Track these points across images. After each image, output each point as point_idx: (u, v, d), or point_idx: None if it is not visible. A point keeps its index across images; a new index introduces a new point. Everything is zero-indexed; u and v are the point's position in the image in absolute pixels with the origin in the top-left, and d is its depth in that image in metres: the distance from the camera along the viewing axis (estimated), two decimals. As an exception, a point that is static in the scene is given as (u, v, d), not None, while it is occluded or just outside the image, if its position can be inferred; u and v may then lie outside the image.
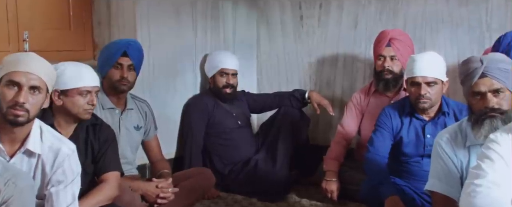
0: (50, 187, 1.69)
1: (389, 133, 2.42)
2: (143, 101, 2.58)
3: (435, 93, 2.28)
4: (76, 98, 1.95)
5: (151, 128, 2.57)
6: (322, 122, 3.34)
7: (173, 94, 3.02)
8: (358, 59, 3.25)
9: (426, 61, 2.26)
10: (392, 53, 2.65)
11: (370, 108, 2.80)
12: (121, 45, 2.34)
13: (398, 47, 2.65)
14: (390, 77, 2.65)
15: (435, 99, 2.29)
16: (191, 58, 3.11)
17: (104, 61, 2.34)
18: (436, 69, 2.27)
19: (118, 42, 2.39)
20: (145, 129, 2.54)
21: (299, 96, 2.99)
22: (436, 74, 2.26)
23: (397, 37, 2.67)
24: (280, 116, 2.98)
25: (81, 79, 1.96)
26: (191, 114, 2.95)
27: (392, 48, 2.65)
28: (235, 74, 2.94)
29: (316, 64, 3.37)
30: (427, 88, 2.26)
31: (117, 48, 2.34)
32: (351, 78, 3.28)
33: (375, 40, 2.76)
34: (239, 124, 2.99)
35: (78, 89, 1.95)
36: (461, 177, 1.77)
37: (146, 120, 2.54)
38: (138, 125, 2.50)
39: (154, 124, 2.59)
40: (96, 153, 2.03)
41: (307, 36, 3.38)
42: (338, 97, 3.33)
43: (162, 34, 2.90)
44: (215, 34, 3.23)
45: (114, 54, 2.33)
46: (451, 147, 1.78)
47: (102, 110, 2.37)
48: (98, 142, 2.03)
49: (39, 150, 1.68)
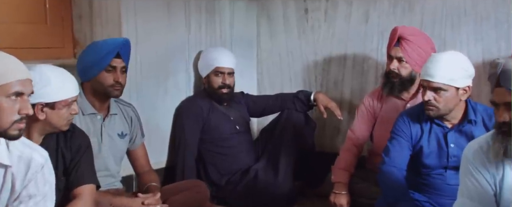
0: (17, 204, 1.53)
1: (408, 142, 2.28)
2: (128, 105, 2.46)
3: (444, 101, 2.13)
4: (63, 111, 1.86)
5: (137, 135, 2.45)
6: (329, 127, 3.27)
7: (164, 96, 2.91)
8: (370, 57, 3.15)
9: (436, 63, 2.12)
10: (400, 54, 2.51)
11: (384, 112, 2.67)
12: (115, 45, 2.24)
13: (406, 48, 2.50)
14: (396, 81, 2.52)
15: (445, 108, 2.15)
16: (183, 56, 3.00)
17: (93, 63, 2.22)
18: (447, 73, 2.11)
19: (110, 42, 2.28)
20: (130, 136, 2.42)
21: (303, 98, 2.90)
22: (446, 80, 2.10)
23: (407, 37, 2.51)
24: (282, 120, 2.90)
25: (67, 89, 1.88)
26: (184, 118, 2.84)
27: (400, 48, 2.51)
28: (231, 73, 2.85)
29: (322, 62, 3.31)
30: (431, 94, 2.13)
31: (110, 48, 2.23)
32: (361, 78, 3.19)
33: (389, 37, 2.64)
34: (237, 129, 2.91)
35: (65, 101, 1.87)
36: (495, 195, 1.68)
37: (132, 126, 2.43)
38: (122, 132, 2.38)
39: (140, 131, 2.47)
40: (68, 163, 1.92)
41: (312, 32, 3.30)
42: (347, 99, 3.26)
43: (151, 30, 2.79)
44: (210, 30, 3.14)
45: (106, 55, 2.22)
46: (481, 161, 1.68)
47: (82, 117, 2.25)
48: (70, 151, 1.92)
49: (7, 161, 1.52)
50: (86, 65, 2.26)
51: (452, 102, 2.15)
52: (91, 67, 2.25)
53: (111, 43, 2.28)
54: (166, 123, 2.93)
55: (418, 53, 2.52)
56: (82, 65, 2.28)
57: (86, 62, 2.26)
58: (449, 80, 2.11)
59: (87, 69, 2.26)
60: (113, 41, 2.31)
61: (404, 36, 2.52)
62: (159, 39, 2.85)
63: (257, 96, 3.17)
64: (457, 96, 2.15)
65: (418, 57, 2.49)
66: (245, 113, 3.03)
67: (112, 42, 2.28)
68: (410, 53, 2.52)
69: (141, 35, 2.75)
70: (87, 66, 2.26)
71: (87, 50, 2.29)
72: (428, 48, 2.54)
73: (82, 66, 2.27)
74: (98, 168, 2.10)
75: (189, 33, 3.02)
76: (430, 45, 2.58)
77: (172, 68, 2.95)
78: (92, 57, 2.25)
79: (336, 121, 3.05)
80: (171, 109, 2.94)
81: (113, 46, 2.25)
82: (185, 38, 3.01)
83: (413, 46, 2.52)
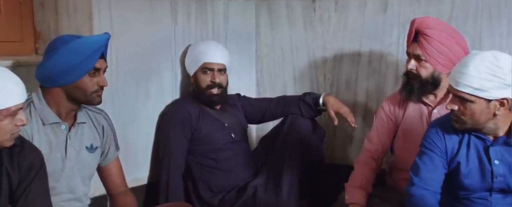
0: None
1: (442, 158, 2.11)
2: (99, 111, 2.29)
3: (470, 113, 1.97)
4: (4, 122, 1.72)
5: (110, 148, 2.29)
6: (340, 135, 3.20)
7: (145, 100, 2.77)
8: (388, 53, 3.03)
9: (462, 67, 1.96)
10: (417, 51, 2.38)
11: (407, 119, 2.54)
12: (101, 43, 2.10)
13: (424, 44, 2.36)
14: (416, 83, 2.42)
15: (472, 122, 1.99)
16: (169, 53, 2.87)
17: (74, 66, 2.06)
18: (474, 81, 1.91)
19: (95, 39, 2.13)
20: (102, 149, 2.27)
21: (311, 101, 2.79)
22: (471, 89, 1.93)
23: (425, 31, 2.36)
24: (286, 127, 2.80)
25: (10, 95, 1.73)
26: (169, 126, 2.73)
27: (418, 45, 2.39)
28: (222, 70, 2.75)
29: (332, 59, 3.23)
30: (456, 103, 1.97)
31: (95, 47, 2.07)
32: (378, 78, 3.09)
33: None
34: (232, 138, 2.80)
35: (7, 109, 1.72)
36: None
37: (104, 137, 2.27)
38: (92, 145, 2.21)
39: (114, 143, 2.31)
40: (15, 187, 1.79)
41: (320, 24, 3.22)
42: (361, 103, 3.17)
43: (129, 21, 2.65)
44: (201, 21, 3.03)
45: (92, 55, 2.06)
46: None
47: (42, 127, 2.08)
48: (18, 171, 1.79)
49: None
50: (64, 68, 2.08)
51: (482, 117, 1.97)
52: (71, 71, 2.08)
53: (96, 40, 2.13)
54: (147, 132, 2.82)
55: (439, 50, 2.38)
56: (58, 69, 2.09)
57: (64, 64, 2.08)
58: (476, 90, 1.93)
59: (64, 73, 2.08)
60: (98, 38, 2.15)
61: (422, 30, 2.38)
62: (139, 32, 2.73)
63: (256, 99, 3.07)
64: (489, 109, 1.96)
65: (440, 55, 2.37)
66: (241, 119, 2.92)
67: (98, 40, 2.13)
68: (430, 51, 2.38)
69: (117, 27, 2.60)
70: (65, 69, 2.08)
71: (64, 50, 2.10)
72: (452, 45, 2.39)
73: (58, 70, 2.09)
74: (60, 190, 2.04)
75: (176, 24, 2.91)
76: (455, 41, 2.42)
77: (155, 67, 2.83)
78: (73, 59, 2.07)
79: (348, 128, 3.00)
80: (154, 115, 2.83)
81: (99, 44, 2.10)
82: (171, 31, 2.89)
83: (432, 42, 2.37)
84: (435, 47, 2.37)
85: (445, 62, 2.33)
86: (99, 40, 2.13)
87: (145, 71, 2.78)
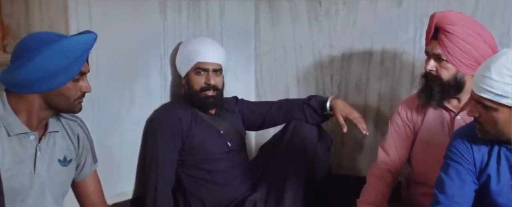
0: None
1: (470, 172, 1.99)
2: (74, 118, 2.17)
3: (492, 122, 1.87)
4: None
5: (86, 160, 2.17)
6: (349, 142, 3.11)
7: (130, 105, 2.65)
8: (404, 52, 2.93)
9: (484, 69, 1.87)
10: (438, 50, 2.28)
11: (426, 126, 2.42)
12: (88, 46, 2.00)
13: (445, 42, 2.26)
14: (436, 86, 2.32)
15: (495, 132, 1.88)
16: (157, 51, 2.76)
17: (59, 71, 1.95)
18: (497, 87, 1.83)
19: (82, 40, 2.01)
20: (77, 162, 2.14)
21: (317, 105, 2.71)
22: (493, 95, 1.84)
23: (446, 27, 2.26)
24: (289, 134, 2.72)
25: None
26: (157, 134, 2.64)
27: (438, 43, 2.29)
28: (218, 71, 2.68)
29: (340, 58, 3.14)
30: (478, 109, 1.88)
31: (83, 49, 1.97)
32: (392, 79, 2.98)
33: None
34: (229, 147, 2.71)
35: None
36: None
37: (79, 147, 2.14)
38: (65, 157, 2.08)
39: (91, 154, 2.19)
40: None
41: (327, 19, 3.13)
42: (372, 107, 3.06)
43: (111, 16, 2.53)
44: (194, 16, 2.93)
45: (78, 59, 1.96)
46: None
47: (6, 139, 1.96)
48: None
49: None
50: (48, 72, 1.97)
51: (506, 127, 1.86)
52: (57, 76, 1.97)
53: (85, 41, 2.01)
54: (133, 141, 2.71)
55: (463, 49, 2.27)
56: (41, 73, 1.97)
57: (49, 68, 1.97)
58: (497, 97, 1.84)
59: (48, 78, 1.97)
60: (87, 38, 2.03)
61: (442, 26, 2.27)
62: (123, 29, 2.61)
63: (255, 103, 2.99)
64: None
65: (463, 55, 2.26)
66: (239, 125, 2.83)
67: (87, 40, 2.01)
68: (452, 49, 2.27)
69: (97, 22, 2.47)
70: (50, 74, 1.97)
71: (50, 51, 1.98)
72: (477, 42, 2.28)
73: (40, 74, 1.97)
74: (28, 211, 1.87)
75: (165, 20, 2.80)
76: (482, 38, 2.31)
77: (142, 67, 2.71)
78: (60, 62, 1.96)
79: (358, 134, 2.86)
80: (140, 122, 2.72)
81: (88, 46, 1.99)
82: (160, 27, 2.79)
83: (455, 40, 2.27)
84: (458, 46, 2.25)
85: (469, 62, 2.21)
86: (88, 41, 2.02)
87: (130, 72, 2.67)
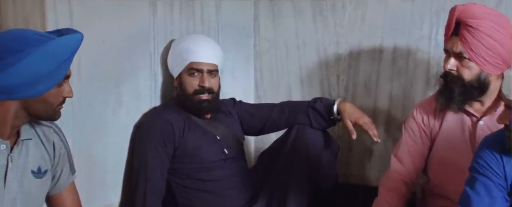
0: None
1: (501, 187, 1.90)
2: (49, 124, 2.08)
3: None
4: None
5: (63, 171, 2.08)
6: (357, 149, 3.01)
7: (116, 108, 2.54)
8: (418, 50, 2.81)
9: None
10: (459, 48, 2.19)
11: (445, 132, 2.31)
12: (76, 47, 1.94)
13: (468, 38, 2.16)
14: (456, 87, 2.23)
15: None
16: (146, 50, 2.65)
17: (48, 75, 1.90)
18: None
19: (70, 42, 1.94)
20: (53, 173, 2.05)
21: (322, 109, 2.61)
22: None
23: (469, 21, 2.16)
24: (291, 140, 2.63)
25: None
26: (146, 140, 2.54)
27: (459, 39, 2.20)
28: (213, 71, 2.60)
29: (348, 57, 3.02)
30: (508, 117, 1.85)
31: (71, 51, 1.91)
32: (405, 79, 2.86)
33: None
34: (225, 154, 2.61)
35: None
36: None
37: (55, 157, 2.05)
38: (40, 168, 1.99)
39: (69, 164, 2.10)
40: None
41: (333, 13, 3.01)
42: (382, 110, 2.95)
43: (94, 10, 2.41)
44: (187, 11, 2.82)
45: (65, 62, 1.91)
46: None
47: None
48: None
49: None
50: (35, 77, 1.89)
51: None
52: (44, 80, 1.90)
53: (72, 43, 1.93)
54: (119, 148, 2.60)
55: (487, 45, 2.17)
56: (26, 78, 1.89)
57: (36, 72, 1.89)
58: None
59: (33, 83, 1.90)
60: (74, 40, 1.95)
61: (465, 21, 2.18)
62: (108, 25, 2.49)
63: (255, 105, 2.89)
64: None
65: (488, 52, 2.17)
66: (237, 130, 2.74)
67: (74, 42, 1.93)
68: (475, 46, 2.17)
69: (79, 18, 2.34)
70: (36, 78, 1.89)
71: (40, 53, 1.89)
72: (505, 38, 2.20)
73: (25, 79, 1.89)
74: (-3, 230, 1.78)
75: (155, 15, 2.68)
76: (509, 33, 2.20)
77: (129, 68, 2.59)
78: (49, 65, 1.88)
79: (367, 140, 2.82)
80: (127, 127, 2.61)
81: (76, 47, 1.93)
82: (149, 22, 2.66)
83: (479, 36, 2.16)
84: (482, 42, 2.14)
85: (494, 60, 2.11)
86: (76, 42, 1.93)
87: (116, 72, 2.54)
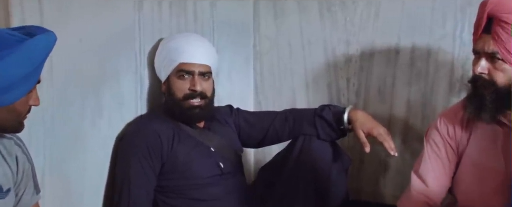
0: None
1: None
2: (9, 136, 2.01)
3: None
4: None
5: (26, 189, 2.00)
6: (370, 162, 2.87)
7: (95, 118, 2.36)
8: (439, 49, 2.66)
9: None
10: (491, 47, 2.06)
11: (475, 146, 2.16)
12: (50, 48, 1.85)
13: (503, 37, 2.04)
14: (488, 94, 2.12)
15: None
16: (131, 50, 2.50)
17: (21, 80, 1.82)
18: None
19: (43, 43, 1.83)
20: (15, 191, 1.98)
21: (331, 117, 2.48)
22: None
23: (504, 17, 2.03)
24: (296, 153, 2.51)
25: None
26: (130, 154, 2.39)
27: (491, 37, 2.07)
28: (206, 74, 2.48)
29: (359, 58, 2.88)
30: None
31: (46, 53, 1.84)
32: (425, 84, 2.72)
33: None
34: (221, 169, 2.47)
35: None
36: None
37: (18, 173, 1.98)
38: (1, 187, 1.91)
39: (33, 182, 2.02)
40: None
41: (343, 9, 2.87)
42: (399, 119, 2.79)
43: (68, 5, 2.22)
44: (177, 7, 2.68)
45: (39, 66, 1.85)
46: None
47: None
48: None
49: None
50: (8, 83, 1.80)
51: None
52: (16, 87, 1.81)
53: (47, 44, 1.83)
54: (99, 164, 2.43)
55: None
56: None
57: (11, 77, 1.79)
58: None
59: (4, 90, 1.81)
60: (47, 40, 1.83)
61: (498, 16, 2.04)
62: (85, 22, 2.30)
63: (255, 113, 2.75)
64: None
65: None
66: (234, 141, 2.59)
67: (48, 43, 1.83)
68: (511, 46, 2.05)
69: (50, 14, 2.13)
70: (9, 84, 1.80)
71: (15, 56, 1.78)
72: None
73: None
74: None
75: (140, 11, 2.51)
76: None
77: (111, 71, 2.42)
78: (24, 69, 1.80)
79: (381, 152, 2.61)
80: (108, 139, 2.44)
81: (49, 49, 1.84)
82: (133, 19, 2.48)
83: None
84: None
85: None
86: (50, 44, 1.82)
87: (95, 76, 2.34)
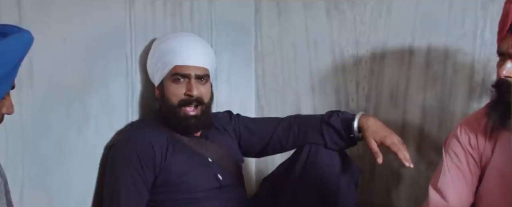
0: None
1: None
2: None
3: None
4: None
5: None
6: (381, 173, 2.75)
7: (82, 127, 2.27)
8: (458, 51, 2.56)
9: None
10: None
11: (500, 157, 2.06)
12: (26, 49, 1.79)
13: None
14: None
15: None
16: (121, 52, 2.41)
17: None
18: None
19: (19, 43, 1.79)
20: None
21: (340, 125, 2.39)
22: None
23: None
24: (301, 164, 2.42)
25: None
26: (119, 166, 2.29)
27: None
28: (203, 77, 2.40)
29: (370, 60, 2.75)
30: None
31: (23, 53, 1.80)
32: (442, 88, 2.61)
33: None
34: (220, 182, 2.38)
35: None
36: None
37: None
38: None
39: (6, 198, 1.95)
40: None
41: (352, 7, 2.76)
42: (413, 126, 2.67)
43: (50, 5, 2.14)
44: (172, 5, 2.60)
45: (15, 67, 1.80)
46: None
47: None
48: None
49: None
50: None
51: None
52: None
53: (22, 45, 1.78)
54: (85, 177, 2.32)
55: None
56: None
57: None
58: None
59: None
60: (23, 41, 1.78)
61: None
62: (71, 21, 2.22)
63: (256, 120, 2.65)
64: None
65: None
66: (234, 151, 2.50)
67: (23, 44, 1.78)
68: None
69: (30, 12, 2.04)
70: None
71: None
72: None
73: None
74: None
75: (132, 9, 2.42)
76: None
77: (99, 75, 2.33)
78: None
79: (394, 161, 2.53)
80: (95, 150, 2.34)
81: (25, 51, 1.78)
82: (124, 18, 2.39)
83: None
84: None
85: None
86: (26, 45, 1.73)
87: (81, 81, 2.25)
